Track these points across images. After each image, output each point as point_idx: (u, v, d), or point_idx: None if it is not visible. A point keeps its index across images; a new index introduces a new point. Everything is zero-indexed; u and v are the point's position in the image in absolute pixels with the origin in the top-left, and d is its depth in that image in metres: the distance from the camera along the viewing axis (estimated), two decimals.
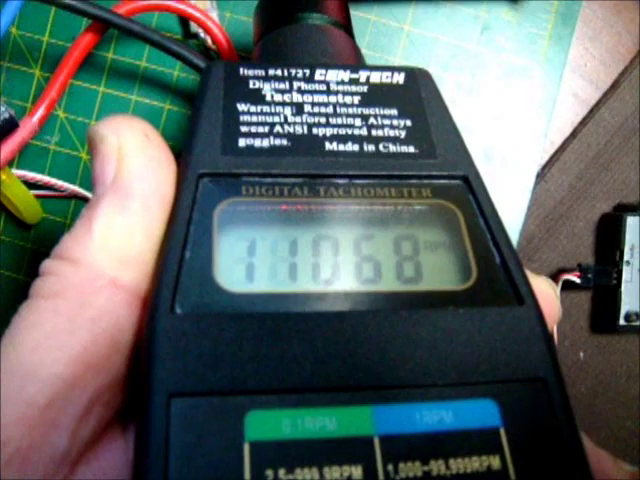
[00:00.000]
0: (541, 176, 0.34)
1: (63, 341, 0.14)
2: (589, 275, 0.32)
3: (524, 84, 0.33)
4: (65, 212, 0.33)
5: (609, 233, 0.33)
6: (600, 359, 0.34)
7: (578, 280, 0.32)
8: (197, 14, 0.29)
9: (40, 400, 0.13)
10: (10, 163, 0.31)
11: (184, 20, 0.32)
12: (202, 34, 0.31)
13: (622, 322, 0.32)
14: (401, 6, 0.33)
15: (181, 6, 0.29)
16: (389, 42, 0.33)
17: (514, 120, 0.33)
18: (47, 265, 0.15)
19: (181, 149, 0.18)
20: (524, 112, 0.33)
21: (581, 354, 0.34)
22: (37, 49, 0.32)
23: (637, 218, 0.32)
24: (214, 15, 0.31)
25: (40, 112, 0.29)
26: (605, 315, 0.33)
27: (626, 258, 0.32)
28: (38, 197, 0.31)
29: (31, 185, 0.31)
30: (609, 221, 0.33)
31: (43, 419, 0.13)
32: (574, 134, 0.34)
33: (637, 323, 0.32)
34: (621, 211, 0.33)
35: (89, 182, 0.32)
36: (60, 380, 0.13)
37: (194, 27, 0.31)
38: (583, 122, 0.34)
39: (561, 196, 0.34)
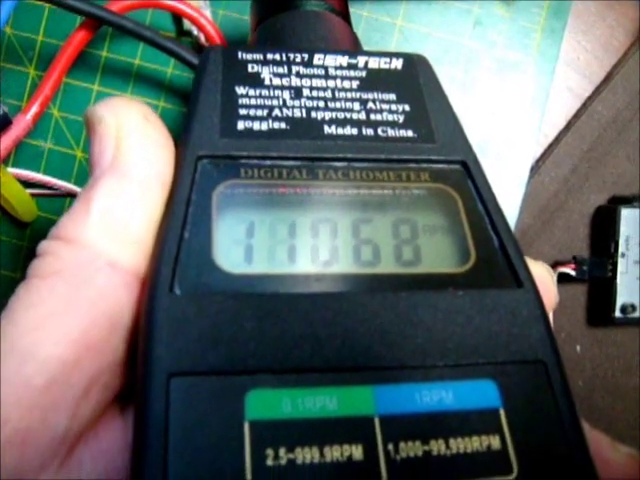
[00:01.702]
0: (535, 169, 0.34)
1: (61, 322, 0.14)
2: (584, 267, 0.32)
3: (517, 78, 0.33)
4: (60, 210, 0.33)
5: (604, 225, 0.33)
6: (597, 352, 0.34)
7: (573, 272, 0.32)
8: (190, 11, 0.29)
9: (38, 381, 0.13)
10: (5, 161, 0.31)
11: (177, 18, 0.32)
12: (195, 31, 0.31)
13: (618, 314, 0.32)
14: (394, 2, 0.33)
15: (174, 3, 0.29)
16: (382, 38, 0.33)
17: (508, 114, 0.33)
18: (45, 245, 0.15)
19: (178, 138, 0.18)
20: (518, 106, 0.33)
21: (578, 347, 0.34)
22: (31, 48, 0.32)
23: (632, 210, 0.32)
24: (207, 12, 0.31)
25: (34, 109, 0.29)
26: (601, 307, 0.33)
27: (621, 250, 0.32)
28: (33, 195, 0.31)
29: (26, 184, 0.31)
30: (604, 213, 0.33)
31: (42, 400, 0.13)
32: (568, 127, 0.34)
33: (633, 315, 0.32)
34: (616, 203, 0.33)
35: (84, 180, 0.32)
36: (59, 361, 0.13)
37: (187, 24, 0.31)
38: (577, 115, 0.34)
39: (555, 189, 0.34)
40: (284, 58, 0.19)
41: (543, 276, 0.17)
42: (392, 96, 0.19)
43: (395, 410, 0.13)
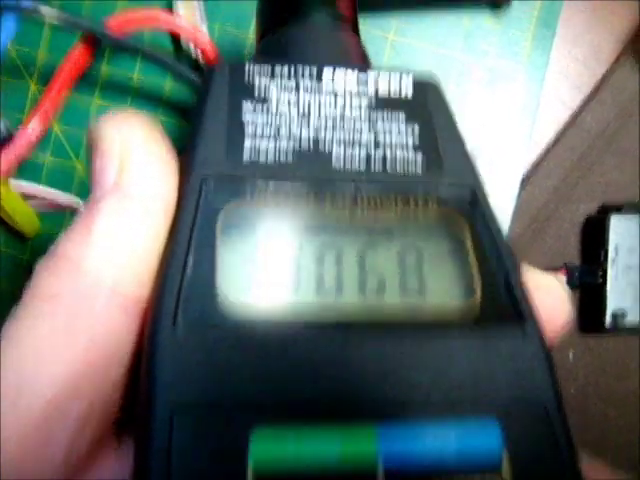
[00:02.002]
0: (526, 181, 0.34)
1: (60, 350, 0.13)
2: (575, 275, 0.33)
3: (508, 88, 0.34)
4: (62, 224, 0.33)
5: (594, 233, 0.34)
6: (589, 359, 0.35)
7: (564, 280, 0.33)
8: (185, 28, 0.30)
9: (35, 412, 0.13)
10: (7, 175, 0.32)
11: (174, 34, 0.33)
12: (192, 47, 0.32)
13: (609, 321, 0.32)
14: (385, 16, 0.34)
15: (170, 20, 0.29)
16: (374, 52, 0.33)
17: (499, 124, 0.34)
18: (44, 264, 0.14)
19: (177, 151, 0.17)
20: (509, 115, 0.34)
21: (570, 355, 0.35)
22: (32, 64, 0.33)
23: (621, 218, 0.33)
24: (203, 27, 0.32)
25: (34, 125, 0.29)
26: (592, 315, 0.33)
27: (611, 257, 0.32)
28: (35, 208, 0.32)
29: (28, 198, 0.32)
30: (594, 222, 0.34)
31: (38, 432, 0.13)
32: (558, 138, 0.35)
33: (624, 322, 0.32)
34: (605, 212, 0.33)
35: (85, 194, 0.33)
36: (56, 391, 0.13)
37: (184, 40, 0.32)
38: (566, 125, 0.35)
39: (546, 199, 0.34)
40: (292, 73, 0.19)
41: (555, 289, 0.17)
42: (401, 117, 0.19)
43: (399, 451, 0.13)
